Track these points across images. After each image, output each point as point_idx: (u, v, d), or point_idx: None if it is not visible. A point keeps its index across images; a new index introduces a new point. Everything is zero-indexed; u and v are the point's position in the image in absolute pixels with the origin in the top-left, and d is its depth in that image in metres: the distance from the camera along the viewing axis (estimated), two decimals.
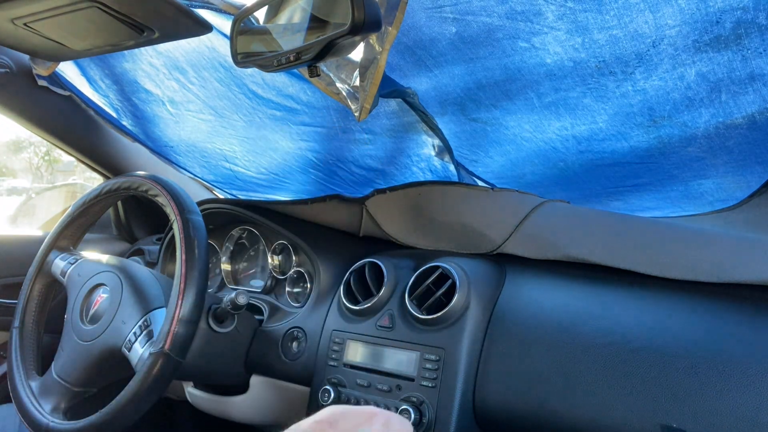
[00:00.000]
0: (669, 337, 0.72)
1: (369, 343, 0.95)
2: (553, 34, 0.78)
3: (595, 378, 0.74)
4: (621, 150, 0.99)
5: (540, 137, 1.03)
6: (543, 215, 0.96)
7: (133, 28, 0.72)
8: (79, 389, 0.98)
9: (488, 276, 0.93)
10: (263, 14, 0.78)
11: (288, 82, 1.07)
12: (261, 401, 1.14)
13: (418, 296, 0.93)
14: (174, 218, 0.95)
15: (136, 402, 0.86)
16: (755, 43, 0.71)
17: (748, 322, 0.71)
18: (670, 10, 0.69)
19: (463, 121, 1.05)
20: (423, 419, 0.83)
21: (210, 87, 1.19)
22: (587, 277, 0.87)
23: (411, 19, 0.82)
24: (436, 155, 1.16)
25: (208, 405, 1.22)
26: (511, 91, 0.93)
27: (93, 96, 1.40)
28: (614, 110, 0.90)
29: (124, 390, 0.88)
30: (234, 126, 1.29)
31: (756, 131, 0.85)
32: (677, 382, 0.68)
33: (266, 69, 0.79)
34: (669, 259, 0.81)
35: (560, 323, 0.81)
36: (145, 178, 1.03)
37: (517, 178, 1.19)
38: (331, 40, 0.66)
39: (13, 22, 0.70)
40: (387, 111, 1.06)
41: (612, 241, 0.87)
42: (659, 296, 0.79)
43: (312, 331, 1.05)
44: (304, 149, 1.29)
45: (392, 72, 0.95)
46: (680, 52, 0.75)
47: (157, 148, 1.52)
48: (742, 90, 0.78)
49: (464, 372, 0.84)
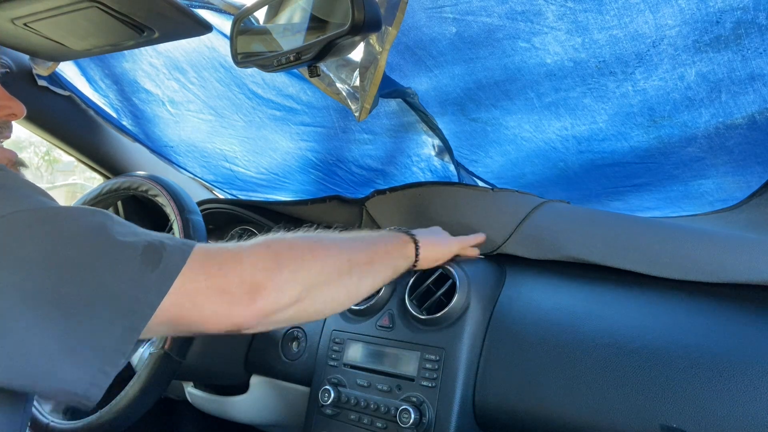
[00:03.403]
0: (669, 337, 0.72)
1: (369, 343, 0.95)
2: (553, 34, 0.78)
3: (595, 378, 0.74)
4: (621, 150, 0.99)
5: (540, 137, 1.03)
6: (543, 215, 0.96)
7: (133, 28, 0.72)
8: None
9: (488, 276, 0.93)
10: (263, 14, 0.78)
11: (288, 82, 1.07)
12: (261, 401, 1.15)
13: (418, 296, 0.93)
14: (174, 218, 0.95)
15: (136, 402, 0.86)
16: (755, 43, 0.71)
17: (748, 322, 0.71)
18: (670, 10, 0.69)
19: (463, 121, 1.05)
20: (423, 419, 0.84)
21: (210, 87, 1.19)
22: (587, 277, 0.87)
23: (411, 19, 0.82)
24: (436, 155, 1.16)
25: (208, 405, 1.22)
26: (511, 91, 0.93)
27: (93, 96, 1.40)
28: (614, 110, 0.90)
29: (124, 390, 0.88)
30: (234, 126, 1.29)
31: (756, 131, 0.85)
32: (677, 382, 0.68)
33: (266, 69, 0.79)
34: (669, 259, 0.80)
35: (560, 323, 0.81)
36: (145, 178, 1.03)
37: (517, 178, 1.19)
38: (331, 40, 0.66)
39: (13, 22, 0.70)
40: (387, 111, 1.06)
41: (612, 241, 0.87)
42: (659, 296, 0.79)
43: (312, 331, 1.05)
44: (304, 149, 1.29)
45: (392, 72, 0.95)
46: (680, 52, 0.75)
47: (157, 148, 1.52)
48: (742, 90, 0.78)
49: (464, 372, 0.84)
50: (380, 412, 0.88)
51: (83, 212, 0.55)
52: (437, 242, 0.89)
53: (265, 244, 0.64)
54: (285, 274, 0.63)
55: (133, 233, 0.56)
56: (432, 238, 0.88)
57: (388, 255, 0.79)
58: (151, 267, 0.54)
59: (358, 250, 0.74)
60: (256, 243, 0.64)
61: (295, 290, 0.64)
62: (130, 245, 0.54)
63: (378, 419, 0.89)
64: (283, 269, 0.63)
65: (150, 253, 0.55)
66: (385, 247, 0.80)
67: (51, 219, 0.53)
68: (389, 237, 0.82)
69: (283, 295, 0.63)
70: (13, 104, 0.72)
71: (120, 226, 0.56)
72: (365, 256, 0.75)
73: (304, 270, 0.65)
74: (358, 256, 0.73)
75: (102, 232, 0.54)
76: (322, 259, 0.68)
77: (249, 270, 0.60)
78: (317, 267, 0.67)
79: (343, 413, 0.93)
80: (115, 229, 0.55)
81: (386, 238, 0.81)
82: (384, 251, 0.79)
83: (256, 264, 0.61)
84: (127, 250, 0.54)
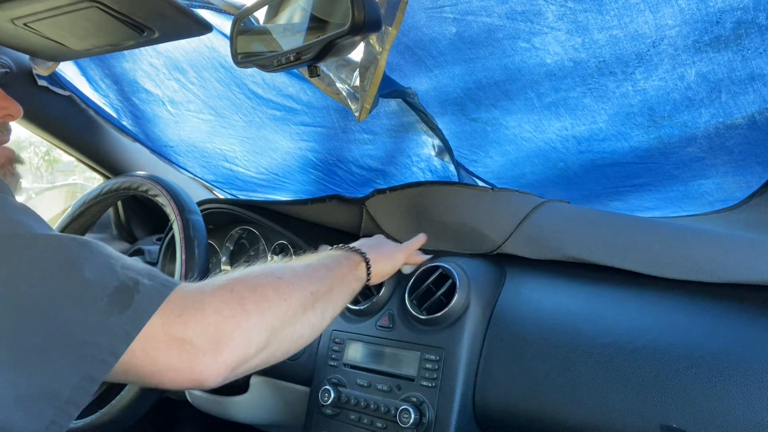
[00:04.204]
0: (669, 337, 0.72)
1: (369, 343, 0.95)
2: (554, 35, 0.78)
3: (595, 378, 0.74)
4: (621, 150, 0.99)
5: (540, 137, 1.03)
6: (543, 215, 0.96)
7: (133, 28, 0.72)
8: None
9: (488, 276, 0.93)
10: (263, 14, 0.78)
11: (288, 82, 1.07)
12: (261, 401, 1.15)
13: (418, 296, 0.93)
14: (174, 218, 0.95)
15: (136, 402, 0.86)
16: (755, 43, 0.71)
17: (748, 322, 0.71)
18: (670, 10, 0.69)
19: (463, 121, 1.05)
20: (423, 419, 0.84)
21: (210, 87, 1.19)
22: (587, 277, 0.87)
23: (411, 19, 0.82)
24: (436, 155, 1.16)
25: (208, 405, 1.22)
26: (511, 91, 0.93)
27: (93, 96, 1.40)
28: (614, 110, 0.90)
29: (124, 390, 0.88)
30: (234, 126, 1.29)
31: (756, 131, 0.85)
32: (677, 382, 0.68)
33: (266, 69, 0.79)
34: (669, 259, 0.80)
35: (560, 323, 0.81)
36: (145, 178, 1.03)
37: (517, 178, 1.19)
38: (331, 40, 0.66)
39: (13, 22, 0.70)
40: (387, 111, 1.06)
41: (612, 241, 0.87)
42: (659, 296, 0.79)
43: None
44: (304, 149, 1.29)
45: (392, 72, 0.95)
46: (680, 52, 0.75)
47: (157, 148, 1.52)
48: (742, 90, 0.78)
49: (464, 372, 0.84)
50: (380, 412, 0.88)
51: (59, 242, 0.50)
52: (384, 255, 0.87)
53: (228, 287, 0.59)
54: (252, 320, 0.58)
55: (108, 269, 0.51)
56: (379, 252, 0.86)
57: (343, 280, 0.77)
58: (118, 310, 0.49)
59: (319, 281, 0.70)
60: (219, 286, 0.59)
61: (263, 336, 0.59)
62: (99, 284, 0.50)
63: (378, 419, 0.89)
64: (250, 315, 0.58)
65: (120, 294, 0.50)
66: (341, 272, 0.77)
67: (22, 247, 0.48)
68: (342, 259, 0.79)
69: (251, 343, 0.57)
70: (9, 104, 0.70)
71: (98, 259, 0.51)
72: (326, 286, 0.71)
73: (271, 312, 0.61)
74: (319, 287, 0.69)
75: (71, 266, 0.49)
76: (287, 298, 0.63)
77: (213, 319, 0.55)
78: (284, 307, 0.63)
79: (343, 413, 0.93)
80: (89, 263, 0.50)
81: (340, 262, 0.78)
82: (340, 276, 0.76)
83: (221, 311, 0.55)
84: (94, 288, 0.49)
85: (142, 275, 0.53)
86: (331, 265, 0.76)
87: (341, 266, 0.78)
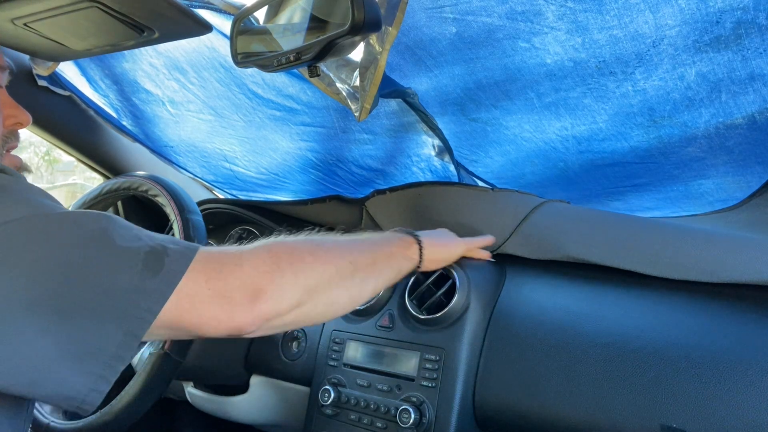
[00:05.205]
0: (669, 338, 0.72)
1: (369, 343, 0.95)
2: (554, 34, 0.78)
3: (595, 378, 0.74)
4: (621, 150, 0.99)
5: (540, 137, 1.03)
6: (543, 215, 0.96)
7: (133, 28, 0.72)
8: None
9: (488, 276, 0.93)
10: (263, 14, 0.78)
11: (288, 82, 1.07)
12: (261, 401, 1.15)
13: (418, 296, 0.93)
14: (174, 218, 0.95)
15: (136, 402, 0.86)
16: (755, 43, 0.71)
17: (748, 322, 0.71)
18: (670, 10, 0.69)
19: (463, 121, 1.05)
20: (423, 419, 0.84)
21: (210, 87, 1.19)
22: (587, 277, 0.87)
23: (411, 19, 0.82)
24: (436, 155, 1.16)
25: (208, 405, 1.22)
26: (511, 91, 0.93)
27: (93, 96, 1.40)
28: (614, 110, 0.90)
29: (124, 390, 0.88)
30: (234, 126, 1.29)
31: (756, 131, 0.85)
32: (677, 382, 0.68)
33: (266, 69, 0.79)
34: (669, 259, 0.80)
35: (560, 323, 0.81)
36: (145, 178, 1.03)
37: (517, 178, 1.19)
38: (331, 40, 0.66)
39: (13, 22, 0.70)
40: (387, 111, 1.06)
41: (612, 241, 0.87)
42: (659, 296, 0.79)
43: (312, 332, 1.05)
44: (304, 149, 1.29)
45: (392, 72, 0.95)
46: (680, 52, 0.75)
47: (157, 148, 1.52)
48: (742, 90, 0.78)
49: (464, 372, 0.84)
50: (380, 412, 0.88)
51: (87, 217, 0.55)
52: (442, 244, 0.89)
53: (266, 248, 0.64)
54: (286, 278, 0.62)
55: (136, 237, 0.56)
56: (437, 240, 0.88)
57: (391, 257, 0.79)
58: (152, 272, 0.54)
59: (361, 252, 0.73)
60: (257, 246, 0.64)
61: (296, 294, 0.63)
62: (132, 250, 0.54)
63: (378, 419, 0.89)
64: (285, 273, 0.62)
65: (152, 259, 0.55)
66: (389, 249, 0.79)
67: (55, 224, 0.53)
68: (392, 238, 0.82)
69: (283, 299, 0.62)
70: (19, 113, 0.73)
71: (123, 230, 0.56)
72: (368, 258, 0.74)
73: (305, 273, 0.65)
74: (360, 259, 0.72)
75: (104, 237, 0.54)
76: (323, 262, 0.67)
77: (249, 274, 0.60)
78: (319, 270, 0.66)
79: (343, 413, 0.93)
80: (118, 233, 0.55)
81: (389, 240, 0.81)
82: (387, 253, 0.78)
83: (257, 267, 0.61)
84: (128, 255, 0.54)
85: (166, 241, 0.58)
86: (378, 241, 0.79)
87: (390, 244, 0.80)
